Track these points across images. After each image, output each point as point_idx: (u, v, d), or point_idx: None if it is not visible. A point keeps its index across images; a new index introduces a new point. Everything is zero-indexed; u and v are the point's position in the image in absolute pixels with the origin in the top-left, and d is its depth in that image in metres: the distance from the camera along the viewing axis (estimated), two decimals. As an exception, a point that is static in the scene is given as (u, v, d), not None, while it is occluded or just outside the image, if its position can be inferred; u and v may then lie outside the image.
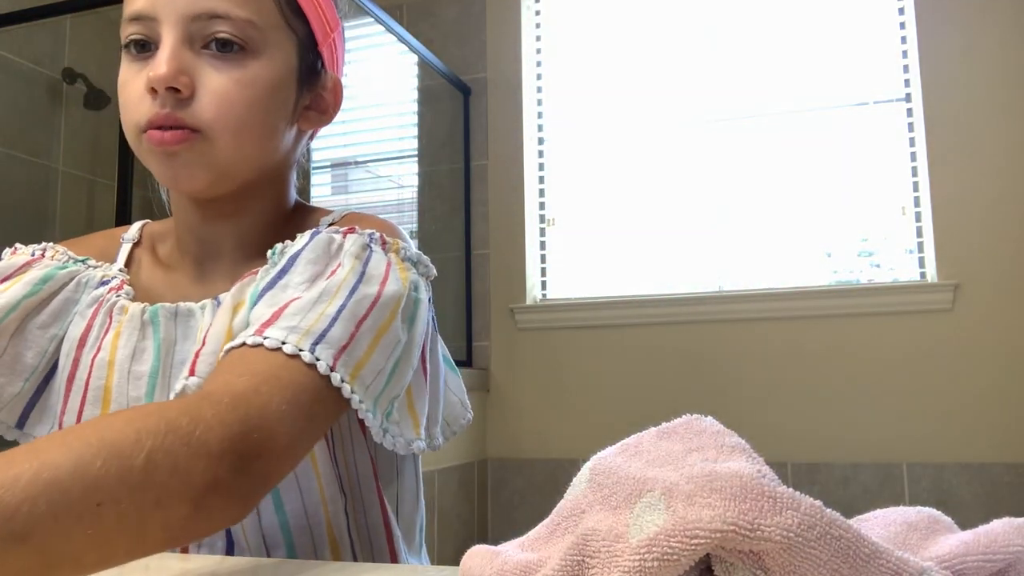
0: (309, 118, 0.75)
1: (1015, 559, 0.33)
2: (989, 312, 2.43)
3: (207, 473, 0.48)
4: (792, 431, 2.55)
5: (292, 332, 0.58)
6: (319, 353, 0.58)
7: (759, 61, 2.75)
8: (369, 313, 0.63)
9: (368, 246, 0.68)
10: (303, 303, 0.61)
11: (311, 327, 0.59)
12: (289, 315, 0.60)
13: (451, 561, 0.43)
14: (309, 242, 0.67)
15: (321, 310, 0.61)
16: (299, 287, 0.64)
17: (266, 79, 0.68)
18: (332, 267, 0.66)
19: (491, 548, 0.38)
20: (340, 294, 0.62)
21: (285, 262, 0.66)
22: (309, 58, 0.73)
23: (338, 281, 0.63)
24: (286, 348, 0.57)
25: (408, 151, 3.04)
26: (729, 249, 2.73)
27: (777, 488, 0.29)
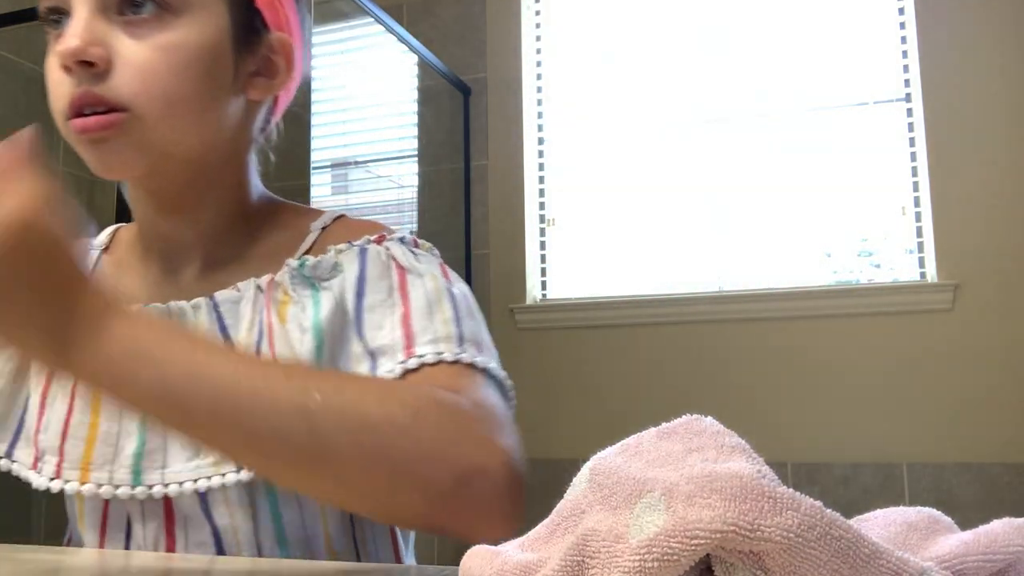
0: (257, 85, 0.69)
1: (1015, 559, 0.33)
2: (989, 312, 2.43)
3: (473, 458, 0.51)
4: (792, 431, 2.55)
5: (438, 343, 0.61)
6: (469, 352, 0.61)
7: (759, 61, 2.75)
8: (471, 308, 0.66)
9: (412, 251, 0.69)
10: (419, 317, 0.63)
11: (448, 333, 0.62)
12: (420, 331, 0.62)
13: (451, 561, 0.43)
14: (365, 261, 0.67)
15: (441, 317, 0.63)
16: (384, 303, 0.64)
17: (192, 42, 0.63)
18: (395, 275, 0.66)
19: (491, 548, 0.38)
20: (444, 298, 0.64)
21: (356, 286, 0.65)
22: (245, 17, 0.66)
23: (433, 288, 0.65)
24: (446, 356, 0.59)
25: (408, 151, 3.04)
26: (729, 249, 2.73)
27: (777, 488, 0.29)
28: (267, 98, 0.71)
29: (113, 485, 0.65)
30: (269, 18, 0.68)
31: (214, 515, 0.65)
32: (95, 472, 0.65)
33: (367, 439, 0.50)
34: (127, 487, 0.64)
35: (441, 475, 0.50)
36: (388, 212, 2.99)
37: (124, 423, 0.66)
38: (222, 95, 0.66)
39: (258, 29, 0.68)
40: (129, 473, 0.65)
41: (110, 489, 0.65)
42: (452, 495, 0.51)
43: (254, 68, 0.68)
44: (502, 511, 0.52)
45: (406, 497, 0.51)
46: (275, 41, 0.69)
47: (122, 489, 0.64)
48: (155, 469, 0.64)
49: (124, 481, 0.65)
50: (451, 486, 0.51)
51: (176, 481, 0.63)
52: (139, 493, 0.64)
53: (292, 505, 0.66)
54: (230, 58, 0.66)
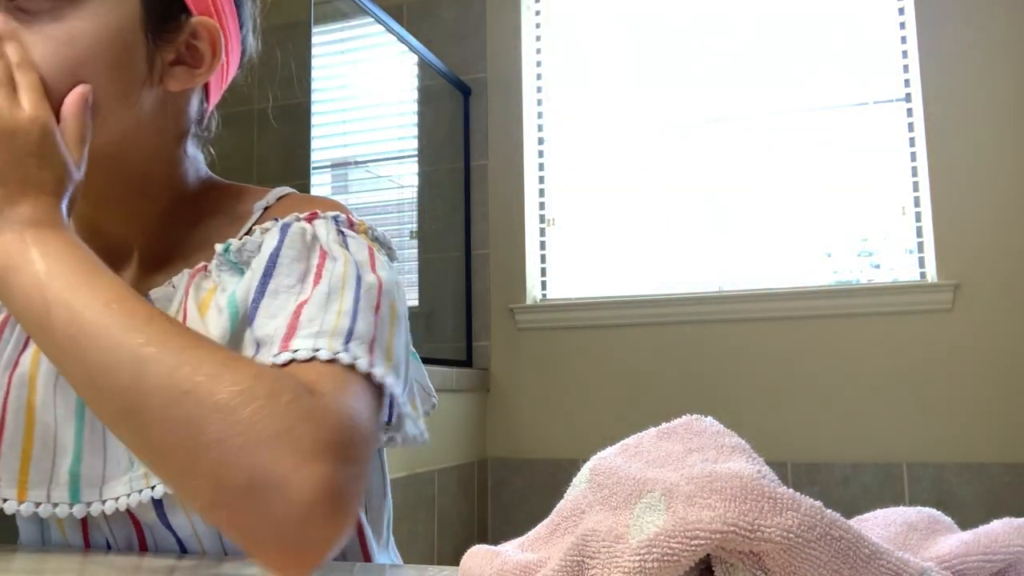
0: (177, 75, 0.63)
1: (1015, 559, 0.33)
2: (989, 312, 2.43)
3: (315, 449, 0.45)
4: (792, 431, 2.55)
5: (319, 337, 0.54)
6: (354, 351, 0.54)
7: (759, 61, 2.75)
8: (380, 301, 0.59)
9: (340, 231, 0.63)
10: (314, 306, 0.56)
11: (336, 327, 0.55)
12: (307, 321, 0.55)
13: (451, 561, 0.43)
14: (284, 239, 0.61)
15: (337, 308, 0.56)
16: (292, 289, 0.58)
17: (92, 33, 0.57)
18: (315, 260, 0.60)
19: (491, 548, 0.38)
20: (348, 287, 0.58)
21: (265, 265, 0.60)
22: (160, 2, 0.61)
23: (340, 275, 0.58)
24: (321, 354, 0.53)
25: (408, 151, 3.04)
26: (729, 249, 2.73)
27: (777, 489, 0.29)
28: (191, 87, 0.65)
29: (51, 503, 0.62)
30: (191, 2, 0.63)
31: (173, 525, 0.63)
32: (32, 490, 0.63)
33: (179, 407, 0.46)
34: (65, 505, 0.62)
35: (235, 472, 0.44)
36: (388, 212, 2.99)
37: (59, 439, 0.63)
38: (134, 89, 0.61)
39: (176, 15, 0.62)
40: (67, 491, 0.62)
41: (48, 508, 0.62)
42: (239, 499, 0.44)
43: (173, 57, 0.62)
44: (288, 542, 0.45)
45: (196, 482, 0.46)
46: (198, 26, 0.63)
47: (60, 507, 0.62)
48: (93, 486, 0.62)
49: (62, 499, 0.62)
50: (241, 488, 0.44)
51: (112, 497, 0.61)
52: (76, 511, 0.62)
53: None
54: (141, 48, 0.60)
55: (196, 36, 0.63)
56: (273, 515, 0.44)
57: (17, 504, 0.63)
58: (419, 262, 2.92)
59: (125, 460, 0.62)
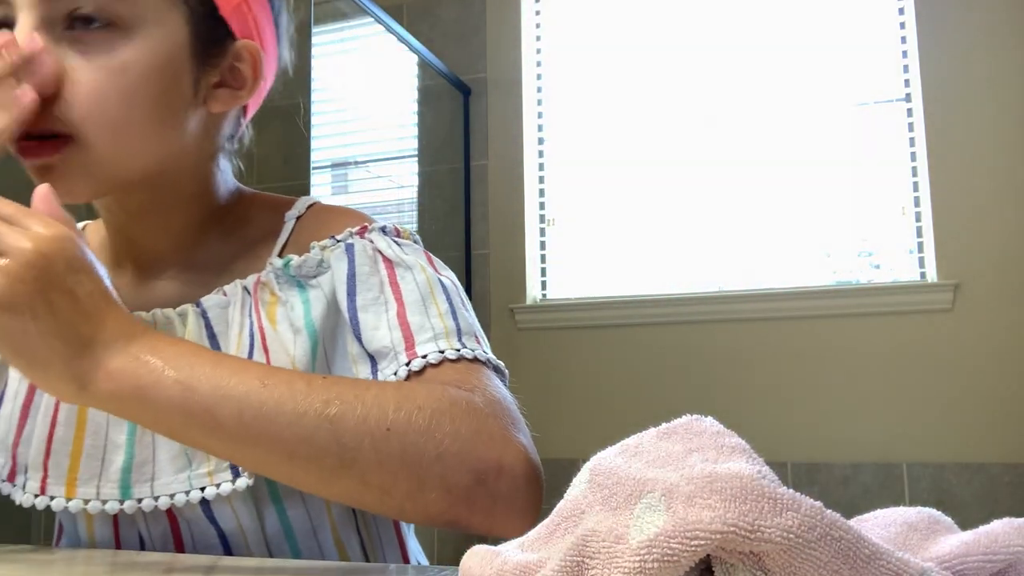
0: (220, 97, 0.65)
1: (1016, 559, 0.33)
2: (989, 312, 2.43)
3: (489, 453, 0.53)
4: (792, 431, 2.55)
5: (438, 340, 0.61)
6: (469, 345, 0.61)
7: (759, 61, 2.75)
8: (461, 296, 0.66)
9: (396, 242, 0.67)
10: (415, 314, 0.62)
11: (446, 329, 0.62)
12: (418, 329, 0.61)
13: (451, 561, 0.43)
14: (353, 258, 0.65)
15: (436, 311, 0.63)
16: (377, 301, 0.64)
17: (143, 63, 0.59)
18: (383, 270, 0.65)
19: (491, 548, 0.38)
20: (436, 291, 0.64)
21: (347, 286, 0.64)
22: (207, 29, 0.63)
23: (424, 281, 0.64)
24: (448, 355, 0.60)
25: (408, 151, 3.04)
26: (729, 249, 2.73)
27: (777, 489, 0.29)
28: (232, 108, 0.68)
29: (100, 500, 0.63)
30: (236, 25, 0.64)
31: (219, 520, 0.64)
32: (81, 487, 0.64)
33: (389, 443, 0.51)
34: (115, 502, 0.63)
35: (461, 474, 0.52)
36: (388, 212, 2.99)
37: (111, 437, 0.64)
38: (180, 111, 0.63)
39: (222, 39, 0.64)
40: (117, 487, 0.63)
41: (97, 504, 0.63)
42: (473, 493, 0.52)
43: (217, 80, 0.65)
44: (523, 506, 0.54)
45: (429, 497, 0.52)
46: (241, 49, 0.65)
47: (110, 504, 0.63)
48: (144, 482, 0.63)
49: (112, 496, 0.63)
50: (471, 484, 0.52)
51: (166, 493, 0.62)
52: (127, 507, 0.63)
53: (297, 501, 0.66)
54: (189, 73, 0.62)
55: (239, 59, 0.65)
56: (503, 493, 0.53)
57: (65, 501, 0.64)
58: (419, 262, 2.91)
59: (182, 458, 0.63)
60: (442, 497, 0.52)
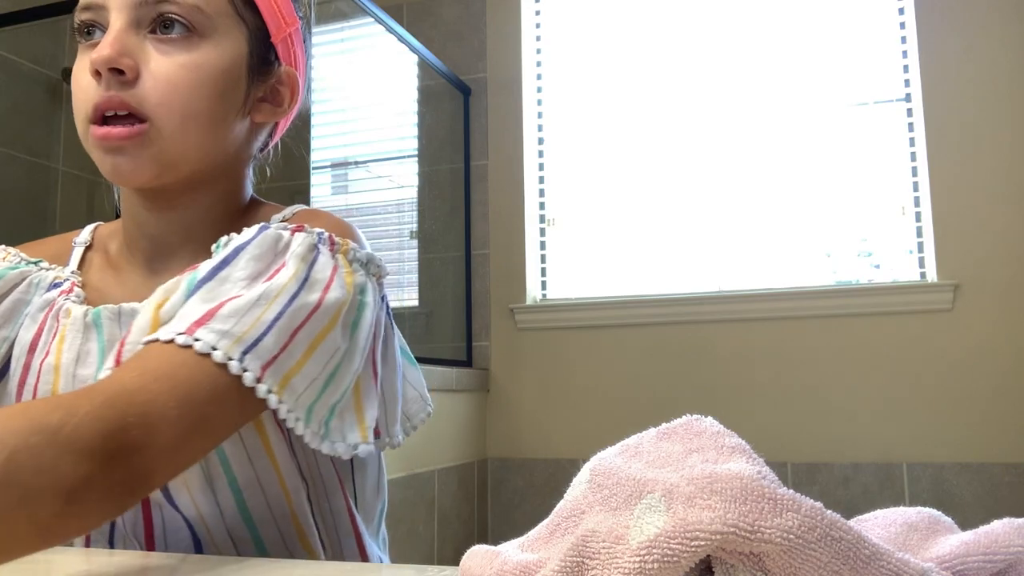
0: (263, 110, 0.74)
1: (1016, 559, 0.33)
2: (989, 312, 2.43)
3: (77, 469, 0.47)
4: (792, 431, 2.55)
5: (224, 337, 0.57)
6: (248, 363, 0.57)
7: (759, 61, 2.75)
8: (306, 322, 0.61)
9: (316, 247, 0.66)
10: (240, 304, 0.59)
11: (245, 333, 0.58)
12: (224, 316, 0.58)
13: (451, 561, 0.43)
14: (255, 237, 0.65)
15: (258, 315, 0.59)
16: (239, 283, 0.62)
17: (213, 64, 0.68)
18: (275, 266, 0.63)
19: (491, 548, 0.38)
20: (279, 300, 0.61)
21: (227, 254, 0.64)
22: (261, 49, 0.72)
23: (279, 285, 0.61)
24: (216, 355, 0.56)
25: (408, 151, 3.04)
26: (729, 249, 2.73)
27: (778, 490, 0.29)
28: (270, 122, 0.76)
29: None
30: (281, 53, 0.74)
31: (180, 507, 0.67)
32: None
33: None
34: None
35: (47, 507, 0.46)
36: (388, 212, 2.99)
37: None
38: (232, 115, 0.71)
39: (271, 61, 0.74)
40: None
41: None
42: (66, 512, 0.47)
43: (262, 95, 0.74)
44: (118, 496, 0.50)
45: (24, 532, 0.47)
46: (284, 74, 0.75)
47: None
48: None
49: None
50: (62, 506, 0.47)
51: None
52: None
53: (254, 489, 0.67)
54: (244, 83, 0.71)
55: (281, 81, 0.75)
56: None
57: None
58: (419, 262, 2.92)
59: None
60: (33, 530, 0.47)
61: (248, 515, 0.68)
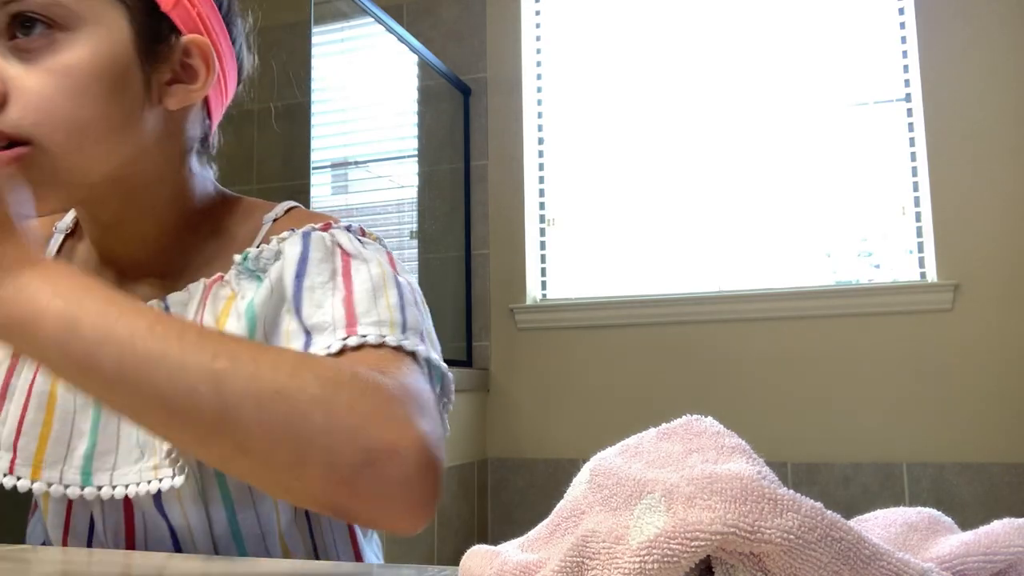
0: (175, 93, 0.64)
1: (1016, 560, 0.33)
2: (989, 312, 2.43)
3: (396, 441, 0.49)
4: (792, 431, 2.55)
5: (381, 325, 0.59)
6: (412, 339, 0.59)
7: (759, 61, 2.75)
8: (416, 298, 0.65)
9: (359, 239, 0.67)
10: (364, 300, 0.61)
11: (392, 319, 0.60)
12: (363, 312, 0.60)
13: (451, 561, 0.43)
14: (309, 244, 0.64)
15: (385, 303, 0.61)
16: (325, 286, 0.62)
17: (87, 62, 0.58)
18: (339, 261, 0.64)
19: (491, 548, 0.38)
20: (389, 285, 0.63)
21: (296, 267, 0.63)
22: (150, 24, 0.62)
23: (378, 274, 0.63)
24: (389, 340, 0.58)
25: (408, 151, 3.04)
26: (729, 249, 2.73)
27: (778, 490, 0.29)
28: (190, 104, 0.66)
29: (63, 484, 0.65)
30: (179, 20, 0.64)
31: (168, 516, 0.66)
32: (46, 471, 0.65)
33: (275, 407, 0.47)
34: (76, 487, 0.64)
35: (347, 450, 0.47)
36: (388, 212, 2.99)
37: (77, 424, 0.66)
38: (134, 111, 0.62)
39: (166, 35, 0.63)
40: (79, 474, 0.65)
41: (59, 488, 0.65)
42: (357, 474, 0.48)
43: (169, 76, 0.64)
44: (410, 497, 0.49)
45: (310, 472, 0.48)
46: (188, 44, 0.64)
47: (71, 489, 0.64)
48: (105, 471, 0.64)
49: (74, 481, 0.65)
50: (357, 464, 0.47)
51: (123, 483, 0.63)
52: (87, 494, 0.64)
53: (246, 503, 0.67)
54: (138, 71, 0.61)
55: (188, 54, 0.64)
56: (393, 479, 0.48)
57: (30, 483, 0.65)
58: (419, 262, 2.92)
59: (136, 451, 0.64)
60: (324, 474, 0.48)
61: (236, 529, 0.67)
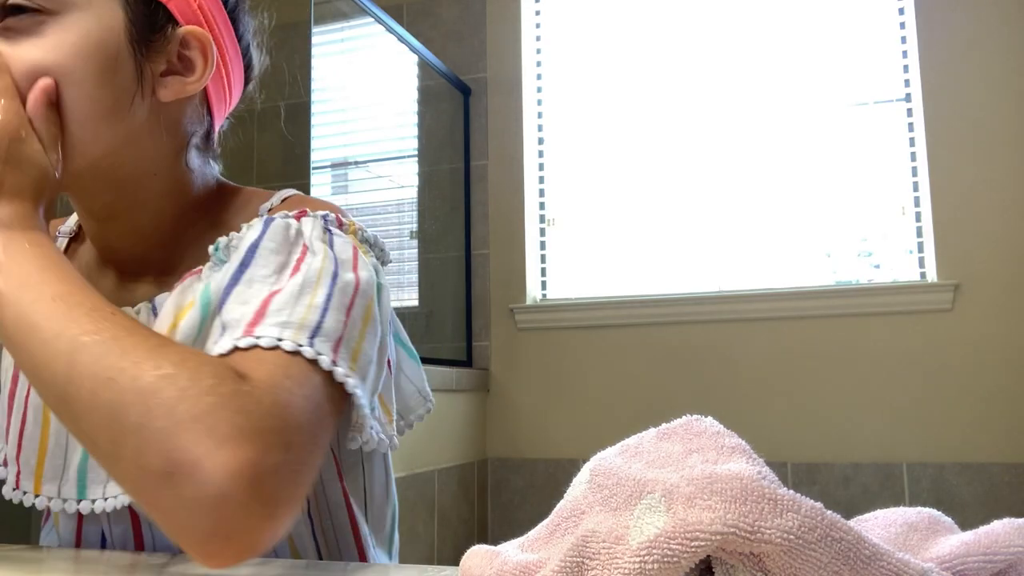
0: (168, 85, 0.63)
1: (1016, 560, 0.33)
2: (989, 312, 2.43)
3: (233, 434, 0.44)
4: (792, 431, 2.55)
5: (285, 327, 0.53)
6: (318, 347, 0.53)
7: (759, 61, 2.75)
8: (354, 300, 0.58)
9: (327, 229, 0.63)
10: (286, 296, 0.56)
11: (303, 320, 0.54)
12: (275, 311, 0.54)
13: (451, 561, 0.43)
14: (265, 231, 0.61)
15: (308, 301, 0.55)
16: (267, 280, 0.58)
17: (74, 42, 0.58)
18: (296, 254, 0.60)
19: (491, 548, 0.38)
20: (323, 283, 0.57)
21: (244, 255, 0.60)
22: (145, 13, 0.61)
23: (316, 269, 0.58)
24: (284, 345, 0.52)
25: (408, 151, 3.04)
26: (729, 249, 2.73)
27: (778, 490, 0.29)
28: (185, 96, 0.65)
29: (61, 499, 0.64)
30: (176, 9, 0.63)
31: None
32: (46, 484, 0.65)
33: (103, 392, 0.46)
34: (72, 501, 0.64)
35: (153, 456, 0.44)
36: (388, 212, 2.99)
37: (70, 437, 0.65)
38: (122, 100, 0.61)
39: (162, 25, 0.62)
40: (75, 488, 0.64)
41: (59, 503, 0.64)
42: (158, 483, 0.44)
43: (164, 67, 0.63)
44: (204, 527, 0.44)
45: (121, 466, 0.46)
46: (186, 35, 0.63)
47: (68, 503, 0.64)
48: (99, 483, 0.64)
49: (70, 495, 0.64)
50: (158, 472, 0.44)
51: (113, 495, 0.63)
52: (82, 507, 0.64)
53: None
54: (129, 59, 0.61)
55: (186, 45, 0.63)
56: (187, 499, 0.43)
57: (33, 497, 0.65)
58: (419, 262, 2.92)
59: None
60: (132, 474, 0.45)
61: None
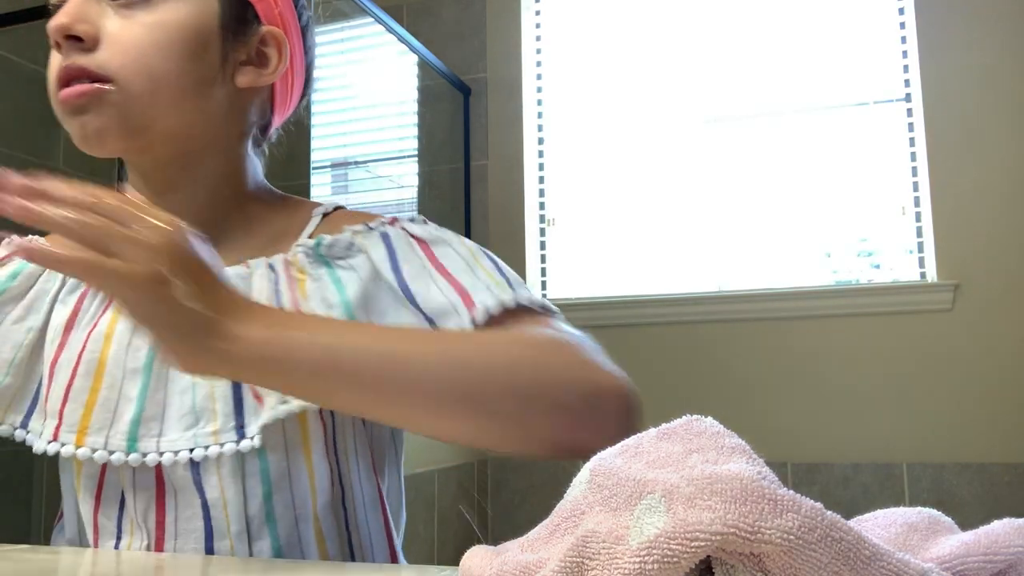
0: (246, 73, 0.70)
1: (1016, 560, 0.33)
2: (989, 312, 2.43)
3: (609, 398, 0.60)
4: (792, 431, 2.55)
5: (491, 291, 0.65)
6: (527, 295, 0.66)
7: (759, 61, 2.75)
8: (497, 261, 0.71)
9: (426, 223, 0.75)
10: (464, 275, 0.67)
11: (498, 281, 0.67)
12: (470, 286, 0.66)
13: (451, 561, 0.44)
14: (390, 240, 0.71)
15: (483, 272, 0.68)
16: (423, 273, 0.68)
17: (178, 21, 0.65)
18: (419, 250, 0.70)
19: (491, 548, 0.38)
20: (479, 256, 0.70)
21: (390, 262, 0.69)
22: (236, 6, 0.69)
23: (465, 251, 0.70)
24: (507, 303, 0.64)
25: (408, 151, 3.04)
26: (729, 249, 2.73)
27: (778, 491, 0.29)
28: (258, 86, 0.72)
29: (108, 450, 0.65)
30: (261, 11, 0.71)
31: (205, 487, 0.65)
32: (91, 436, 0.66)
33: (516, 377, 0.57)
34: (121, 453, 0.65)
35: (574, 398, 0.58)
36: (388, 212, 2.98)
37: (124, 390, 0.67)
38: (207, 78, 0.68)
39: (249, 20, 0.70)
40: (125, 440, 0.65)
41: (104, 454, 0.65)
42: (585, 415, 0.58)
43: (244, 57, 0.70)
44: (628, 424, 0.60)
45: (547, 421, 0.58)
46: (267, 34, 0.71)
47: (116, 455, 0.65)
48: (151, 437, 0.65)
49: (119, 447, 0.65)
50: (583, 407, 0.58)
51: (171, 450, 0.64)
52: (132, 460, 0.65)
53: (283, 483, 0.66)
54: (217, 43, 0.68)
55: (265, 43, 0.71)
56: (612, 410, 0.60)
57: (74, 448, 0.66)
58: (419, 262, 2.91)
59: (191, 416, 0.65)
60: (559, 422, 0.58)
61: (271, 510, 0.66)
